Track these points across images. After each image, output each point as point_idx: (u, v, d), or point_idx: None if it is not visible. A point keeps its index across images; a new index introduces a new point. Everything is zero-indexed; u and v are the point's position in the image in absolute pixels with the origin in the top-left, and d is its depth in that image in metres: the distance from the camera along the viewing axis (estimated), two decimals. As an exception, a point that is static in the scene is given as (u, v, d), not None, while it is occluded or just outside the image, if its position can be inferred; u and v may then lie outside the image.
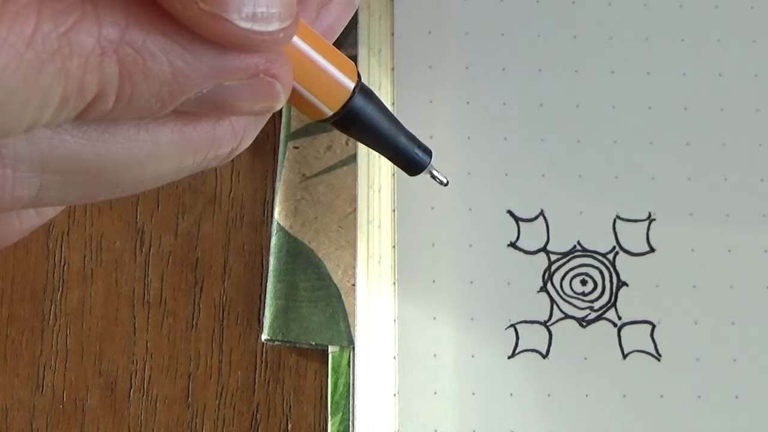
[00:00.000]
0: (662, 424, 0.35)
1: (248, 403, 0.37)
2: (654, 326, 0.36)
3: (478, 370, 0.35)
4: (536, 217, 0.36)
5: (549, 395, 0.35)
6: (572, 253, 0.36)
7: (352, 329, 0.37)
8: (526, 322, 0.36)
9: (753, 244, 0.36)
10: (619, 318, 0.36)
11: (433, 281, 0.36)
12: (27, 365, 0.38)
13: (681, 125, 0.37)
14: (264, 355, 0.38)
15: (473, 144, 0.37)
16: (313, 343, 0.37)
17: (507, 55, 0.37)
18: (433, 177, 0.30)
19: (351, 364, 0.37)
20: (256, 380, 0.38)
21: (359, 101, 0.28)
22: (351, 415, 0.36)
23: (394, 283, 0.36)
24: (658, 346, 0.36)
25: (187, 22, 0.23)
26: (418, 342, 0.35)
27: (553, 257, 0.36)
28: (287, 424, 0.37)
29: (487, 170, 0.37)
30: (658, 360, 0.36)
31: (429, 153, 0.30)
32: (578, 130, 0.37)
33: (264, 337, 0.37)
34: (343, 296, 0.37)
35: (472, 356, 0.35)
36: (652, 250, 0.36)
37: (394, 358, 0.35)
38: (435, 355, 0.35)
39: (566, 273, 0.36)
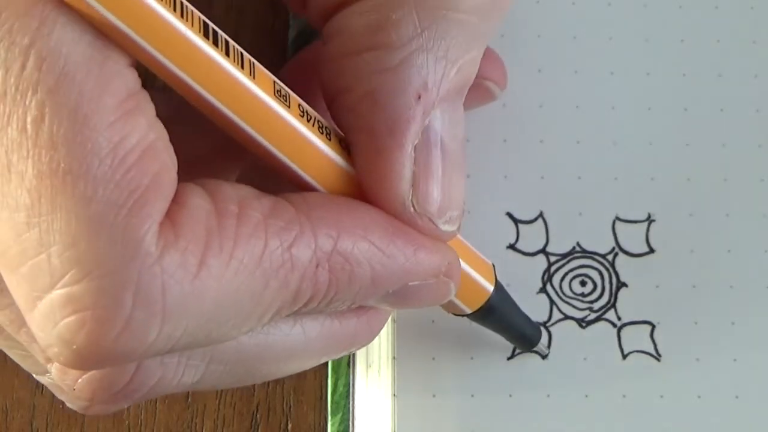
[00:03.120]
0: (662, 425, 0.35)
1: (248, 403, 0.38)
2: (654, 327, 0.36)
3: (478, 372, 0.35)
4: (535, 219, 0.36)
5: (548, 396, 0.35)
6: (572, 254, 0.36)
7: (352, 329, 0.37)
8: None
9: (753, 244, 0.36)
10: (619, 318, 0.36)
11: (433, 282, 0.36)
12: (27, 366, 0.38)
13: (681, 126, 0.37)
14: (264, 356, 0.38)
15: (472, 146, 0.37)
16: (313, 344, 0.37)
17: (506, 57, 0.37)
18: (537, 351, 0.35)
19: (351, 364, 0.37)
20: (256, 380, 0.38)
21: (495, 299, 0.31)
22: (351, 415, 0.36)
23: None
24: (658, 347, 0.36)
25: (402, 218, 0.26)
26: (417, 343, 0.35)
27: (552, 258, 0.36)
28: (287, 424, 0.37)
29: (486, 172, 0.37)
30: (658, 360, 0.36)
31: (540, 334, 0.35)
32: (578, 131, 0.37)
33: (264, 337, 0.37)
34: (342, 297, 0.37)
35: (471, 358, 0.35)
36: (651, 250, 0.36)
37: (394, 358, 0.35)
38: (434, 358, 0.35)
39: (566, 274, 0.36)
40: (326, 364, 0.37)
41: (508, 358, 0.36)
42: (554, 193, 0.37)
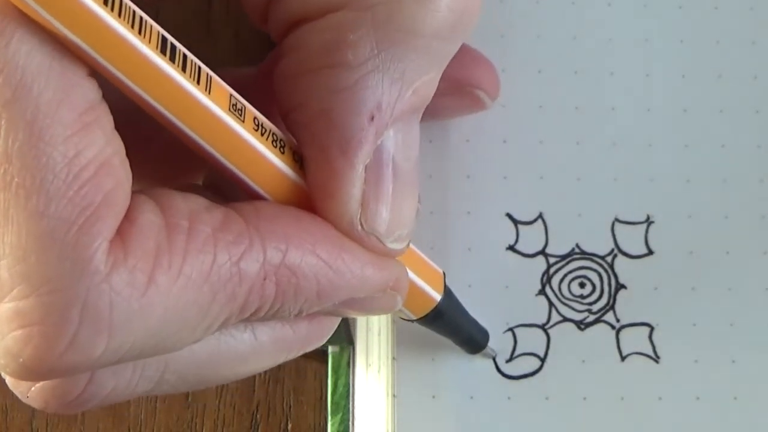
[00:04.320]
0: (661, 427, 0.35)
1: (248, 403, 0.38)
2: (652, 328, 0.36)
3: (477, 374, 0.35)
4: (535, 220, 0.36)
5: (547, 398, 0.35)
6: (571, 255, 0.36)
7: (352, 329, 0.37)
8: (524, 325, 0.36)
9: (752, 246, 0.36)
10: (618, 320, 0.36)
11: (432, 285, 0.36)
12: (28, 365, 0.38)
13: (680, 127, 0.37)
14: (264, 355, 0.38)
15: (472, 147, 0.37)
16: (313, 343, 0.37)
17: (506, 57, 0.37)
18: (485, 354, 0.35)
19: (351, 364, 0.37)
20: (256, 380, 0.38)
21: (442, 306, 0.31)
22: (351, 415, 0.36)
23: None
24: (657, 349, 0.36)
25: (350, 236, 0.26)
26: (416, 344, 0.35)
27: (551, 260, 0.36)
28: (287, 424, 0.37)
29: (486, 173, 0.37)
30: (657, 362, 0.36)
31: (488, 337, 0.35)
32: (577, 132, 0.37)
33: (263, 338, 0.37)
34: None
35: (470, 360, 0.35)
36: (650, 252, 0.36)
37: (394, 359, 0.35)
38: (433, 359, 0.35)
39: (565, 276, 0.36)
40: (326, 364, 0.37)
41: (507, 361, 0.36)
42: (554, 194, 0.37)
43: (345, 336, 0.37)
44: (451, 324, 0.33)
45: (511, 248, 0.36)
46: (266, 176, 0.26)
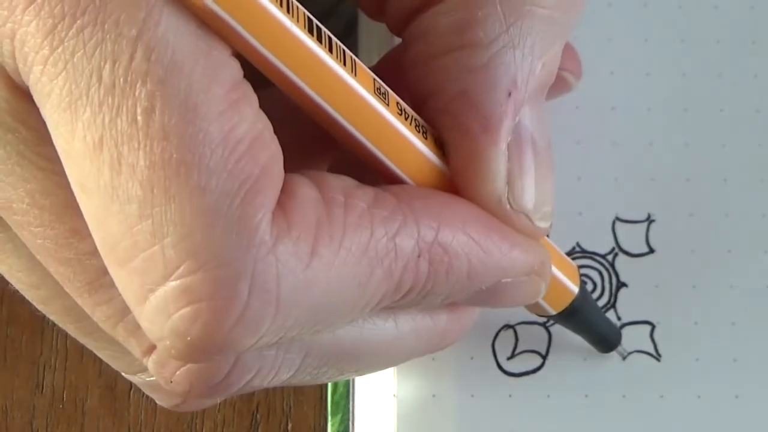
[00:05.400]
0: (662, 425, 0.35)
1: (248, 403, 0.38)
2: (654, 327, 0.36)
3: (477, 372, 0.35)
4: (536, 218, 0.36)
5: (548, 396, 0.35)
6: (572, 254, 0.36)
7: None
8: (525, 323, 0.36)
9: (753, 244, 0.36)
10: (619, 318, 0.36)
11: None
12: (27, 365, 0.38)
13: (680, 126, 0.37)
14: (264, 356, 0.38)
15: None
16: (313, 344, 0.37)
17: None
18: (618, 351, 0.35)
19: (351, 364, 0.37)
20: (256, 380, 0.38)
21: (579, 301, 0.31)
22: (351, 415, 0.36)
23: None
24: (658, 347, 0.36)
25: (498, 216, 0.26)
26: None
27: (552, 258, 0.36)
28: (287, 424, 0.37)
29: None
30: (658, 360, 0.36)
31: (620, 337, 0.35)
32: (577, 132, 0.37)
33: (264, 337, 0.37)
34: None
35: (471, 358, 0.35)
36: (651, 251, 0.36)
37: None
38: (433, 358, 0.35)
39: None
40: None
41: (508, 358, 0.36)
42: (554, 193, 0.37)
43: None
44: (588, 320, 0.33)
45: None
46: (410, 160, 0.25)
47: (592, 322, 0.33)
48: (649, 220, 0.37)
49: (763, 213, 0.37)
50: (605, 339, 0.34)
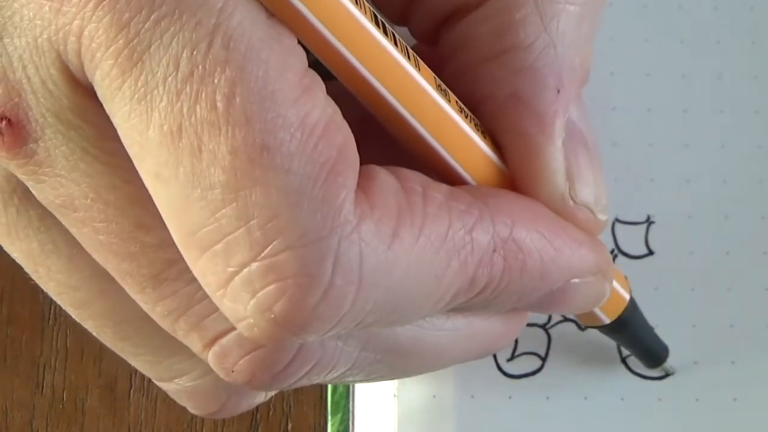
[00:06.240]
0: (661, 427, 0.35)
1: (248, 403, 0.38)
2: (652, 329, 0.36)
3: (478, 373, 0.35)
4: (535, 221, 0.36)
5: (548, 398, 0.35)
6: (571, 255, 0.36)
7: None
8: (525, 325, 0.36)
9: (752, 246, 0.36)
10: (619, 320, 0.36)
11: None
12: (27, 365, 0.38)
13: (680, 127, 0.37)
14: (264, 355, 0.38)
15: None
16: (313, 343, 0.37)
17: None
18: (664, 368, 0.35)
19: (350, 363, 0.37)
20: (256, 380, 0.38)
21: (630, 310, 0.31)
22: (351, 415, 0.36)
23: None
24: (657, 348, 0.36)
25: (562, 213, 0.26)
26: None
27: (552, 260, 0.36)
28: (287, 424, 0.37)
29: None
30: (657, 362, 0.36)
31: (668, 350, 0.35)
32: (577, 132, 0.37)
33: (264, 338, 0.37)
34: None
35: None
36: (650, 252, 0.36)
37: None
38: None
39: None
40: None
41: (508, 360, 0.36)
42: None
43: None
44: (638, 330, 0.32)
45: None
46: (472, 159, 0.25)
47: (642, 333, 0.33)
48: (649, 222, 0.37)
49: (762, 215, 0.37)
50: (653, 352, 0.34)
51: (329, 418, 0.37)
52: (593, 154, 0.27)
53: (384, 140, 0.25)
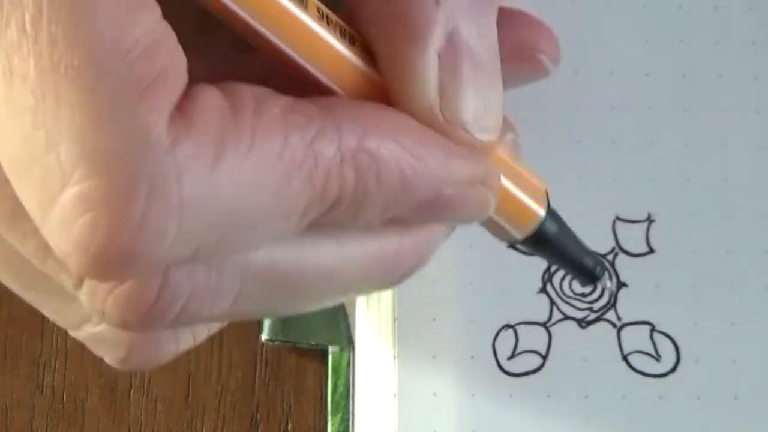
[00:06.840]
0: (661, 425, 0.35)
1: (248, 403, 0.38)
2: (653, 327, 0.36)
3: (478, 372, 0.35)
4: (536, 219, 0.36)
5: (548, 396, 0.35)
6: (572, 254, 0.36)
7: (352, 329, 0.37)
8: (525, 323, 0.36)
9: (752, 245, 0.36)
10: (619, 319, 0.36)
11: (433, 282, 0.36)
12: (27, 365, 0.38)
13: (680, 126, 0.37)
14: (264, 355, 0.38)
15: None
16: (313, 343, 0.37)
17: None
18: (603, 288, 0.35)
19: (351, 364, 0.37)
20: (256, 380, 0.38)
21: (548, 226, 0.29)
22: (351, 415, 0.36)
23: (394, 285, 0.36)
24: (658, 347, 0.36)
25: (433, 127, 0.25)
26: (417, 343, 0.35)
27: (552, 258, 0.36)
28: (287, 424, 0.37)
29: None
30: (658, 361, 0.36)
31: (604, 269, 0.32)
32: (578, 131, 0.37)
33: (264, 337, 0.37)
34: (343, 297, 0.37)
35: (472, 357, 0.35)
36: (651, 251, 0.37)
37: (394, 358, 0.35)
38: (434, 357, 0.35)
39: (566, 274, 0.36)
40: (326, 364, 0.37)
41: (509, 358, 0.36)
42: (554, 193, 0.37)
43: (345, 336, 0.37)
44: (560, 247, 0.30)
45: (512, 246, 0.36)
46: (334, 67, 0.24)
47: (566, 249, 0.31)
48: (650, 220, 0.37)
49: (762, 213, 0.37)
50: (583, 268, 0.32)
51: (329, 418, 0.37)
52: (482, 72, 0.26)
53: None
